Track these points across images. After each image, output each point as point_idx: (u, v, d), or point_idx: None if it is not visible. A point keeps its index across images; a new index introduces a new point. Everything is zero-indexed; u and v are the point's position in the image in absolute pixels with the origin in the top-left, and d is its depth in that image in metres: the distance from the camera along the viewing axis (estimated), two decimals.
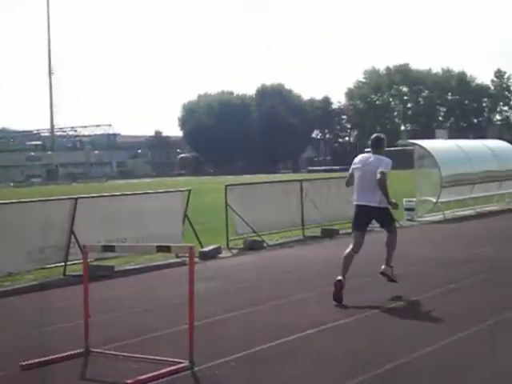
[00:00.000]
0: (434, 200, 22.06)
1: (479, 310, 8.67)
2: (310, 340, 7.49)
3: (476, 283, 10.56)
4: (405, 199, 21.74)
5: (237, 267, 13.39)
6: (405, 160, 24.00)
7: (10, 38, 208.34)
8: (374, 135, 10.28)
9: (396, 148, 26.62)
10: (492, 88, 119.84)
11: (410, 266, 12.25)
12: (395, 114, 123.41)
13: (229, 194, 16.32)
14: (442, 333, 7.50)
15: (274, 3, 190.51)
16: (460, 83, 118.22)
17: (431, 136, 27.01)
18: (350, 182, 10.20)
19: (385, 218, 10.03)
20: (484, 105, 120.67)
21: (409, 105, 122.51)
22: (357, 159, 10.06)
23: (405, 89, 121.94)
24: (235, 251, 15.53)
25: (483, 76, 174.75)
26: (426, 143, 23.77)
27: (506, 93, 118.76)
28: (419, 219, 21.46)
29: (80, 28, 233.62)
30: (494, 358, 6.58)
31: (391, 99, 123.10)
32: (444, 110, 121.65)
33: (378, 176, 9.42)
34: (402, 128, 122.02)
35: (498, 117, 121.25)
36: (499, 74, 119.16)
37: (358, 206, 9.90)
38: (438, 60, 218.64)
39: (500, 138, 44.38)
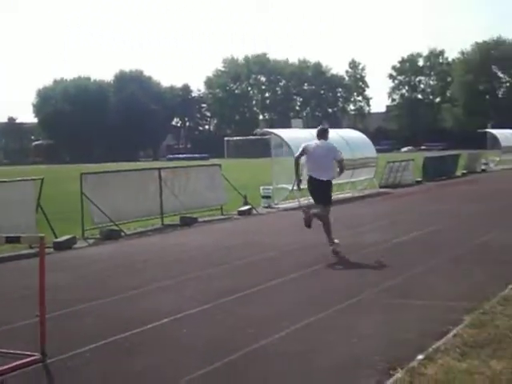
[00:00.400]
0: (290, 187, 22.55)
1: (336, 291, 8.96)
2: (166, 329, 7.48)
3: (329, 267, 10.88)
4: (262, 187, 22.14)
5: (92, 257, 13.14)
6: (262, 148, 24.41)
7: None
8: (320, 126, 12.92)
9: (254, 137, 26.98)
10: (346, 78, 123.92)
11: (268, 252, 12.47)
12: (254, 103, 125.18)
13: (84, 183, 15.96)
14: (298, 316, 7.69)
15: None
16: (316, 74, 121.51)
17: (288, 125, 27.63)
18: (299, 159, 12.57)
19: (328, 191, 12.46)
20: (339, 95, 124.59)
21: (267, 94, 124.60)
22: (308, 146, 12.37)
23: (263, 78, 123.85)
24: (91, 241, 15.24)
25: (338, 67, 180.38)
26: (282, 132, 24.23)
27: (360, 83, 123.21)
28: (276, 206, 21.90)
29: None
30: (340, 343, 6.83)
31: (250, 88, 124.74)
32: (300, 99, 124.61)
33: (340, 165, 12.60)
34: (261, 117, 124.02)
35: (352, 107, 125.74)
36: (353, 64, 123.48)
37: (313, 179, 12.22)
38: (294, 50, 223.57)
39: (354, 128, 46.04)
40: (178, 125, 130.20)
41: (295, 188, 14.06)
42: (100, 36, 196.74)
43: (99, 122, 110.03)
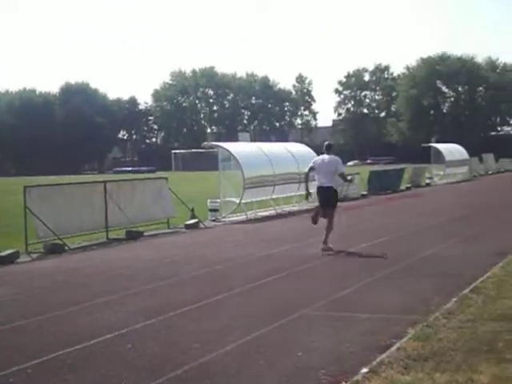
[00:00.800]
0: (237, 201, 22.58)
1: (282, 305, 8.95)
2: (110, 344, 7.36)
3: (276, 280, 10.87)
4: (209, 200, 22.10)
5: (36, 272, 12.91)
6: (210, 162, 24.37)
7: None
8: (327, 142, 15.26)
9: (201, 150, 26.94)
10: (294, 93, 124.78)
11: (214, 266, 12.43)
12: (201, 116, 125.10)
13: (28, 196, 15.69)
14: (243, 331, 7.66)
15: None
16: (263, 87, 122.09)
17: (235, 139, 27.68)
18: (308, 174, 15.01)
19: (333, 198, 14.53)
20: (286, 109, 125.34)
21: (214, 107, 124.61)
22: (316, 161, 14.58)
23: (211, 92, 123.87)
24: (35, 255, 14.98)
25: (285, 81, 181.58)
26: (230, 146, 24.26)
27: (307, 98, 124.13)
28: (223, 219, 21.88)
29: None
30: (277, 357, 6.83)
31: (197, 101, 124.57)
32: (248, 113, 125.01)
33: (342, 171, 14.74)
34: (208, 130, 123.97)
35: (299, 121, 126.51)
36: (300, 79, 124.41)
37: (321, 188, 14.37)
38: (242, 64, 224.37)
39: (300, 142, 46.32)
40: (125, 138, 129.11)
41: (305, 199, 17.58)
42: (46, 48, 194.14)
43: (45, 134, 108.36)
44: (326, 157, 14.55)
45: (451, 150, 46.63)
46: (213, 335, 7.64)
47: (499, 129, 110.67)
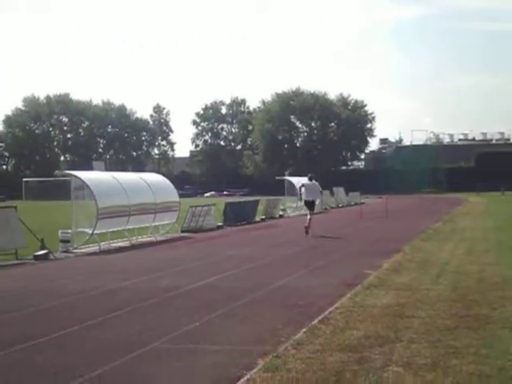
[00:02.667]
0: (90, 231, 22.03)
1: (131, 338, 8.77)
2: None
3: (126, 314, 10.66)
4: (60, 231, 21.44)
5: None
6: (62, 191, 23.70)
7: None
8: (310, 174, 26.26)
9: (53, 178, 26.17)
10: (151, 122, 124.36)
11: (62, 299, 12.05)
12: (55, 143, 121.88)
13: None
14: (92, 366, 7.44)
15: None
16: (120, 116, 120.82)
17: (90, 167, 27.15)
18: (300, 195, 26.32)
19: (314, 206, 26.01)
20: (143, 138, 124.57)
21: (69, 135, 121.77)
22: (305, 183, 25.69)
23: (65, 119, 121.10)
24: None
25: (143, 110, 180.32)
26: (83, 174, 23.68)
27: (164, 128, 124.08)
28: (75, 251, 21.27)
29: None
30: None
31: (51, 129, 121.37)
32: (104, 142, 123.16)
33: (320, 193, 27.60)
34: (62, 158, 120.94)
35: (156, 151, 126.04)
36: (158, 109, 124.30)
37: (307, 201, 25.59)
38: (98, 92, 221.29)
39: (158, 172, 46.13)
40: None
41: (300, 199, 29.03)
42: None
43: None
44: (311, 182, 26.23)
45: None
46: (60, 371, 7.39)
47: (350, 163, 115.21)
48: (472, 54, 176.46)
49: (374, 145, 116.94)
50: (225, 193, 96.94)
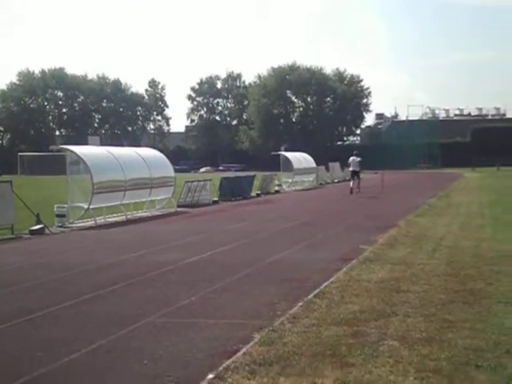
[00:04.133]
0: (86, 206, 22.03)
1: (128, 312, 8.80)
2: None
3: (123, 287, 10.69)
4: (56, 205, 21.43)
5: None
6: (57, 165, 23.63)
7: None
8: (355, 151, 38.37)
9: (49, 153, 26.09)
10: (146, 97, 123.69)
11: (59, 273, 12.07)
12: (50, 118, 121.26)
13: None
14: (89, 339, 7.48)
15: None
16: (115, 91, 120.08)
17: (86, 142, 27.06)
18: (349, 165, 37.95)
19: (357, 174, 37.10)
20: (138, 113, 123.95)
21: (64, 110, 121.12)
22: (351, 158, 37.42)
23: (60, 93, 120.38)
24: None
25: (138, 85, 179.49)
26: (78, 149, 23.61)
27: (160, 103, 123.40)
28: (70, 225, 21.27)
29: None
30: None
31: (46, 103, 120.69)
32: (99, 116, 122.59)
33: (359, 165, 37.56)
34: (57, 133, 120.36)
35: (151, 126, 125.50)
36: (153, 83, 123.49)
37: (351, 170, 37.21)
38: (93, 66, 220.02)
39: (153, 147, 46.02)
40: None
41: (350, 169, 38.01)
42: None
43: None
44: (355, 157, 36.95)
45: (299, 159, 47.90)
46: (58, 343, 7.44)
47: (345, 139, 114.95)
48: (461, 29, 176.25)
49: (369, 120, 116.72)
50: (220, 168, 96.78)
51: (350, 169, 37.51)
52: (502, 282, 10.06)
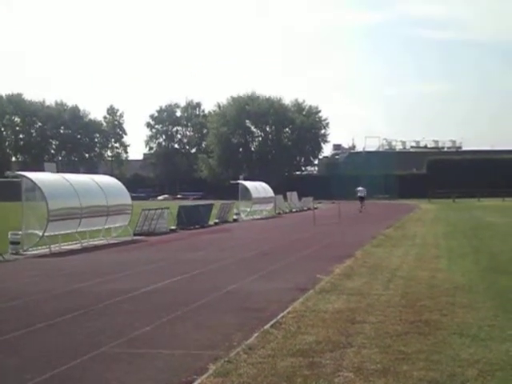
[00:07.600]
0: (41, 233, 21.71)
1: (77, 345, 8.64)
2: None
3: (76, 317, 10.52)
4: (10, 232, 21.09)
5: None
6: (12, 192, 23.27)
7: None
8: (361, 185, 55.43)
9: (4, 179, 25.67)
10: (104, 124, 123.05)
11: (9, 302, 11.83)
12: (7, 144, 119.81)
13: None
14: (44, 368, 7.31)
15: None
16: (73, 117, 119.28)
17: (42, 168, 26.71)
18: (357, 192, 52.88)
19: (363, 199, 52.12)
20: (96, 140, 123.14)
21: (21, 136, 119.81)
22: (358, 188, 52.88)
23: (17, 119, 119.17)
24: None
25: (96, 112, 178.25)
26: (34, 175, 23.31)
27: (118, 130, 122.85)
28: (25, 253, 20.92)
29: None
30: None
31: (3, 129, 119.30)
32: (56, 143, 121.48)
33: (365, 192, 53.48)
34: (14, 159, 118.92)
35: (109, 153, 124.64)
36: (112, 110, 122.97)
37: (360, 196, 51.78)
38: (51, 92, 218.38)
39: (110, 174, 45.68)
40: None
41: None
42: None
43: None
44: (361, 188, 52.57)
45: (258, 188, 48.02)
46: (11, 372, 7.28)
47: (303, 169, 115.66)
48: (419, 62, 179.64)
49: (327, 150, 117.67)
50: (179, 196, 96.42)
51: (358, 195, 51.66)
52: (456, 313, 10.13)
